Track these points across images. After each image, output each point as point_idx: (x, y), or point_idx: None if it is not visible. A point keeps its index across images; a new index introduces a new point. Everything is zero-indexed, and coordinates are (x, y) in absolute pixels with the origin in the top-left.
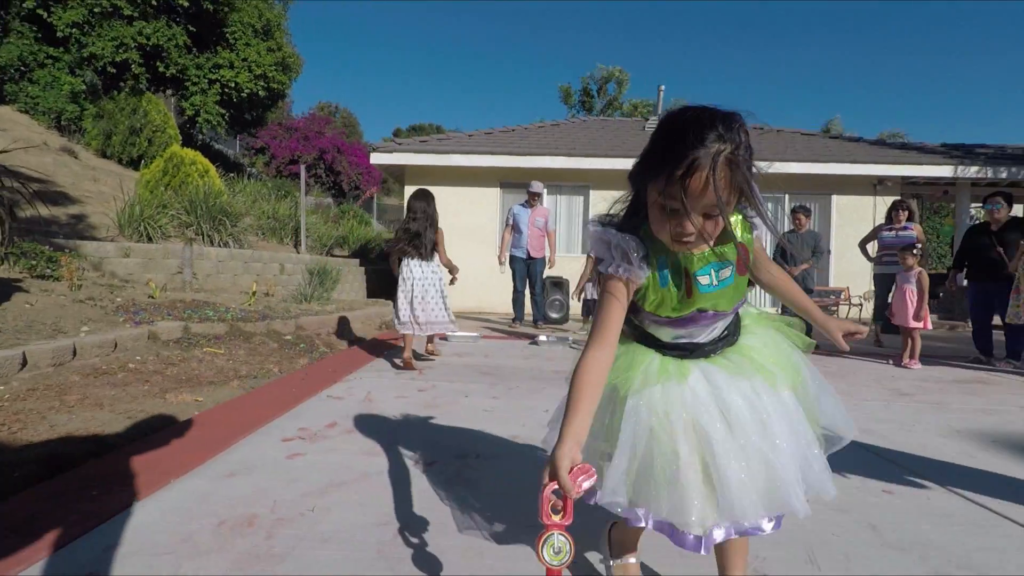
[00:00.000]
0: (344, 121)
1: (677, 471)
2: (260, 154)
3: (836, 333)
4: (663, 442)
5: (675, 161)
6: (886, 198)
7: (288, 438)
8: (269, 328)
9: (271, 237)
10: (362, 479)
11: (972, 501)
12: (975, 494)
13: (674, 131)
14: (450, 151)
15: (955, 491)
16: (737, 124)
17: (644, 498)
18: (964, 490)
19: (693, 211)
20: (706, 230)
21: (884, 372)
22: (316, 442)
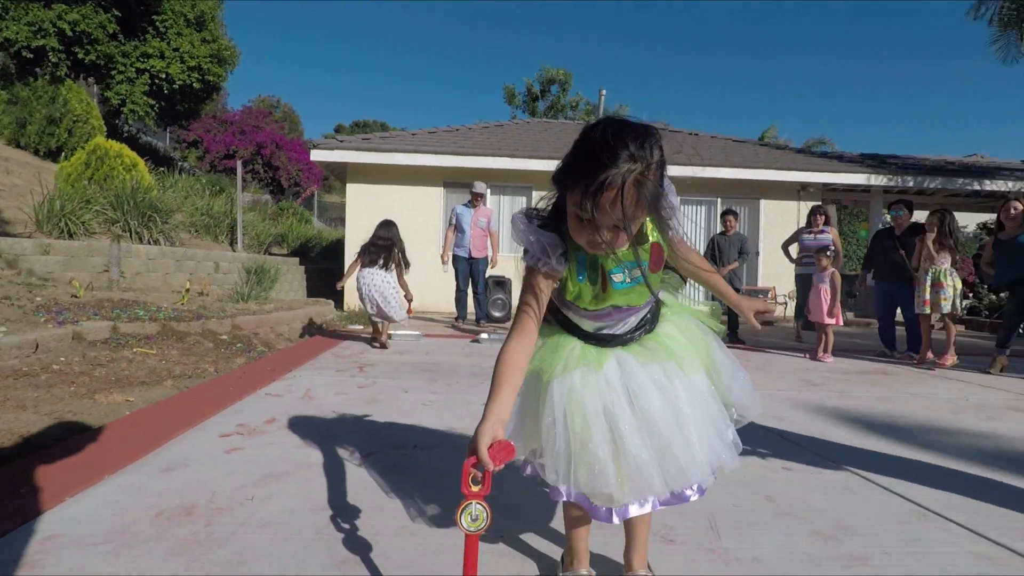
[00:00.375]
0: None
1: (590, 451)
2: (193, 148)
3: (748, 312)
4: (578, 424)
5: (589, 179)
6: (809, 203)
7: (226, 434)
8: (204, 328)
9: (205, 235)
10: (300, 470)
11: (857, 474)
12: (861, 469)
13: (590, 148)
14: (394, 150)
15: (845, 467)
16: (650, 141)
17: (561, 475)
18: (852, 466)
19: (603, 226)
20: (615, 242)
21: (800, 365)
22: (254, 437)
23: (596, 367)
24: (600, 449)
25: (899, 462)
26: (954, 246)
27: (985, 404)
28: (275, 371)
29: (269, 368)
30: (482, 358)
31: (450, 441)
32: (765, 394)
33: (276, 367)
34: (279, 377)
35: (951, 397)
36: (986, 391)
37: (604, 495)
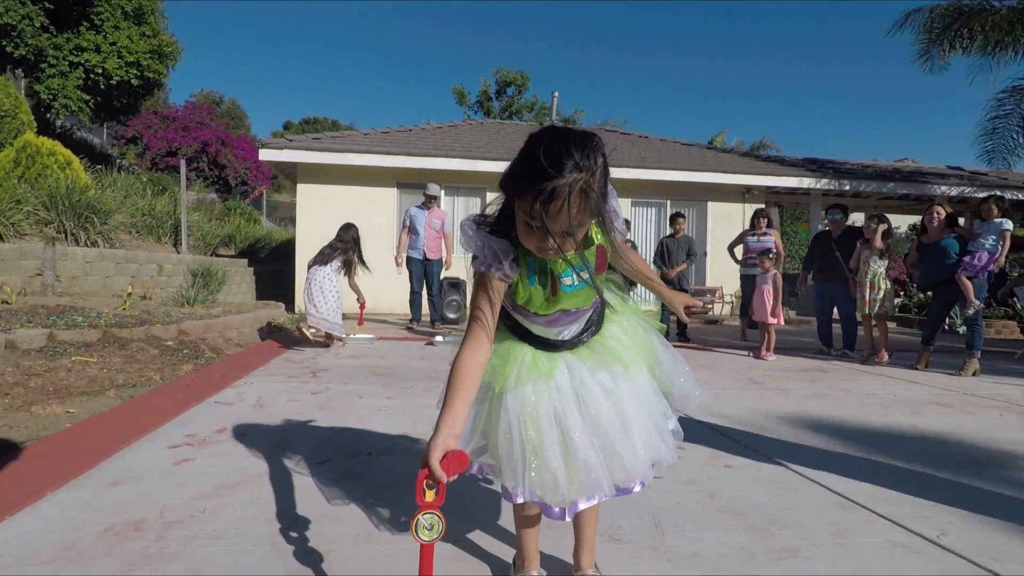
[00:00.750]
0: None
1: (543, 457)
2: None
3: (679, 307)
4: (532, 434)
5: (537, 188)
6: (753, 205)
7: (175, 445)
8: (148, 334)
9: (147, 236)
10: (253, 480)
11: (792, 470)
12: (796, 465)
13: (536, 158)
14: (346, 150)
15: (782, 463)
16: (594, 150)
17: (518, 479)
18: (789, 462)
19: (552, 232)
20: (564, 247)
21: (744, 363)
22: (205, 447)
23: (547, 376)
24: (553, 458)
25: (832, 457)
26: (887, 250)
27: (911, 399)
28: (224, 378)
29: (218, 375)
30: (437, 361)
31: (405, 446)
32: (711, 393)
33: (225, 374)
34: (229, 384)
35: (881, 392)
36: (913, 386)
37: (556, 499)
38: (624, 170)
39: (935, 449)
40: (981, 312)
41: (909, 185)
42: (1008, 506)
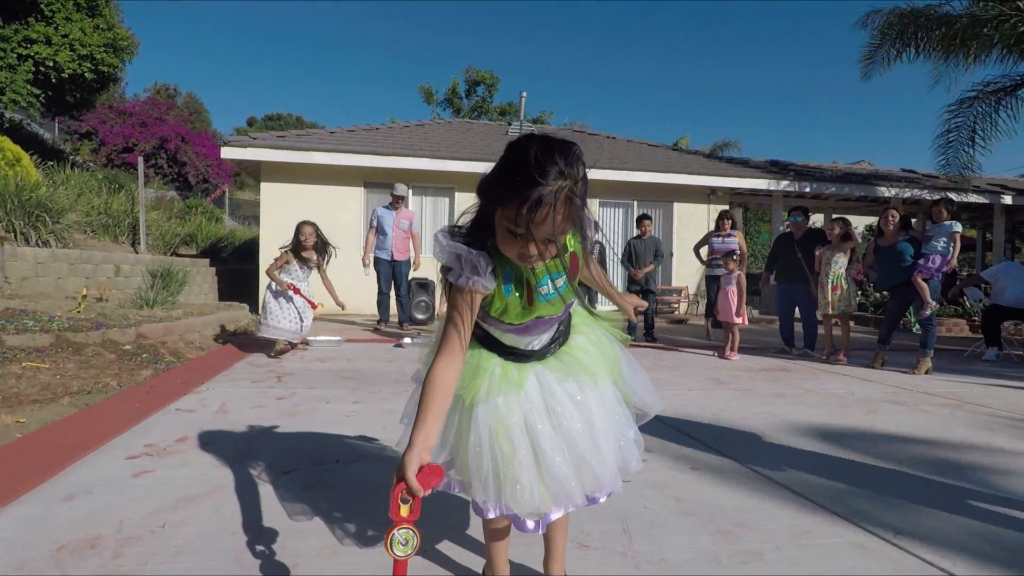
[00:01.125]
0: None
1: (516, 470)
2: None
3: (629, 309)
4: (505, 448)
5: (522, 196)
6: (718, 206)
7: (134, 455)
8: (105, 337)
9: (104, 235)
10: (216, 491)
11: (755, 471)
12: (759, 466)
13: (521, 166)
14: (311, 148)
15: (746, 464)
16: (576, 157)
17: (490, 494)
18: (752, 463)
19: (536, 240)
20: (545, 254)
21: (709, 363)
22: (165, 457)
23: (518, 387)
24: (526, 470)
25: (794, 456)
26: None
27: (868, 398)
28: (186, 384)
29: (179, 381)
30: (406, 363)
31: (373, 454)
32: (677, 394)
33: (187, 379)
34: (191, 390)
35: (839, 392)
36: (869, 385)
37: (530, 511)
38: (592, 171)
39: (891, 448)
40: (935, 312)
41: (866, 187)
42: (960, 504)
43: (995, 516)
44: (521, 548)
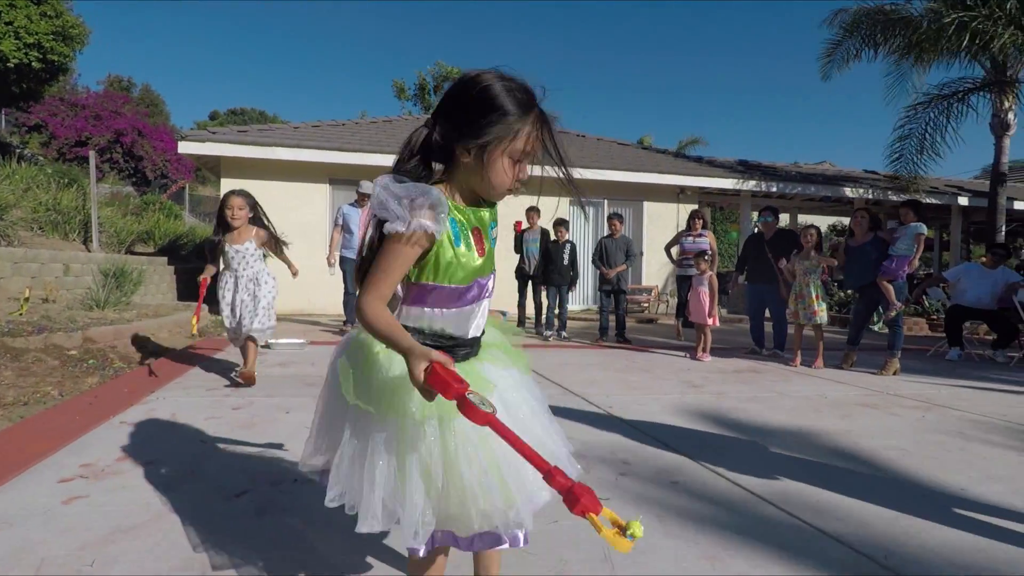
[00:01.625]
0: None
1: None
2: (35, 133)
3: None
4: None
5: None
6: (687, 206)
7: (66, 478)
8: (48, 342)
9: (52, 232)
10: (158, 519)
11: (739, 486)
12: (742, 476)
13: (520, 88)
14: (274, 143)
15: (726, 477)
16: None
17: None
18: (734, 474)
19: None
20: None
21: (681, 365)
22: (102, 479)
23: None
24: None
25: (775, 466)
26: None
27: (840, 401)
28: (134, 393)
29: (127, 389)
30: None
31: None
32: (652, 398)
33: (135, 388)
34: (139, 400)
35: (811, 395)
36: (840, 387)
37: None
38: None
39: (869, 455)
40: (901, 313)
41: (830, 188)
42: (947, 515)
43: (982, 527)
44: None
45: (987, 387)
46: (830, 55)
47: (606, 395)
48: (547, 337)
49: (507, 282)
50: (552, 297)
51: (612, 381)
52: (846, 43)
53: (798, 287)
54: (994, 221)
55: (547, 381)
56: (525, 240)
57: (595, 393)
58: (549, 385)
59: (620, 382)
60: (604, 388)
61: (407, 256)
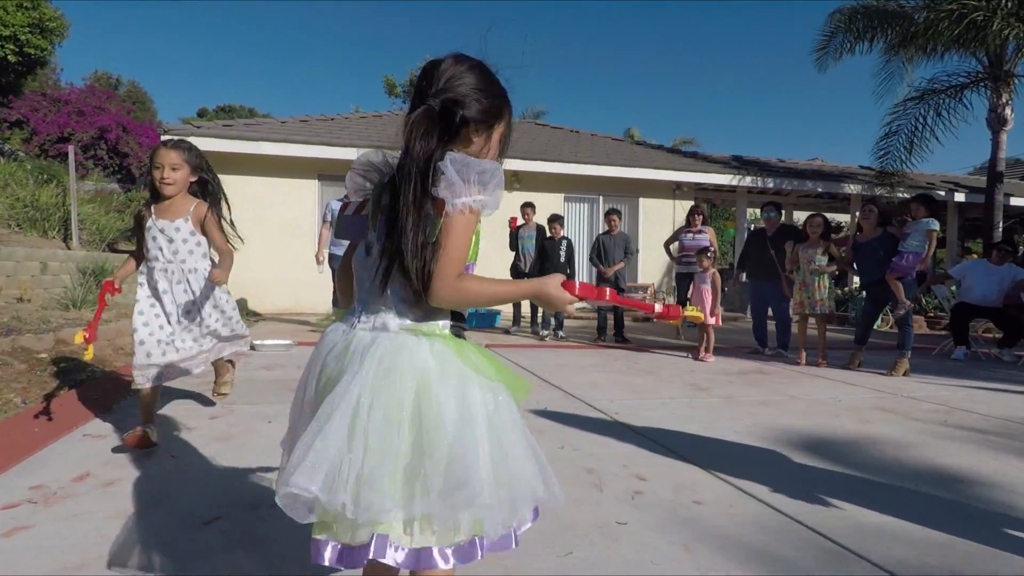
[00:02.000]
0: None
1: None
2: (17, 129)
3: None
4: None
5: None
6: (683, 202)
7: (13, 504)
8: (15, 345)
9: (30, 229)
10: (107, 559)
11: (767, 505)
12: (768, 491)
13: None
14: (261, 138)
15: (754, 496)
16: None
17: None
18: (760, 492)
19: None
20: None
21: (684, 366)
22: (53, 505)
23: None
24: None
25: (801, 480)
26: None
27: (856, 405)
28: (104, 399)
29: (95, 396)
30: None
31: None
32: (658, 402)
33: (106, 394)
34: (107, 408)
35: (824, 398)
36: (852, 389)
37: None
38: (558, 164)
39: (899, 465)
40: (911, 312)
41: (826, 183)
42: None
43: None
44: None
45: (1000, 388)
46: (823, 48)
47: (610, 400)
48: (543, 336)
49: None
50: None
51: (615, 384)
52: (840, 37)
53: (802, 276)
54: (991, 217)
55: (546, 383)
56: (520, 237)
57: (599, 397)
58: (548, 388)
59: (623, 385)
60: (607, 392)
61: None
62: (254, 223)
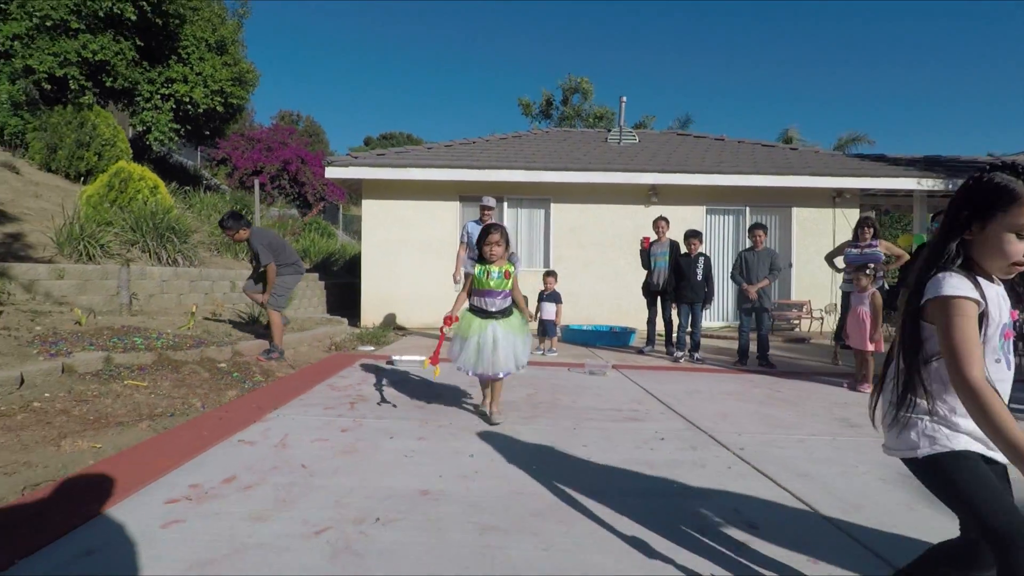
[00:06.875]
0: (308, 130)
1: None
2: (222, 165)
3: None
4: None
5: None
6: (845, 210)
7: (173, 499)
8: (203, 355)
9: (226, 253)
10: (235, 555)
11: (879, 555)
12: (883, 548)
13: None
14: (408, 165)
15: (872, 554)
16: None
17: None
18: (875, 548)
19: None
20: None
21: (837, 397)
22: (203, 503)
23: (483, 330)
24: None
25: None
26: None
27: None
28: (261, 408)
29: (254, 405)
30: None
31: (419, 510)
32: (795, 440)
33: (263, 404)
34: (261, 417)
35: None
36: None
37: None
38: (698, 176)
39: None
40: None
41: None
42: None
43: None
44: None
45: None
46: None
47: (738, 433)
48: (678, 359)
49: (637, 297)
50: (684, 315)
51: (748, 415)
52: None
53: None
54: None
55: (672, 412)
56: (653, 254)
57: (725, 430)
58: (674, 417)
59: (758, 417)
60: (737, 424)
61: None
62: (401, 243)
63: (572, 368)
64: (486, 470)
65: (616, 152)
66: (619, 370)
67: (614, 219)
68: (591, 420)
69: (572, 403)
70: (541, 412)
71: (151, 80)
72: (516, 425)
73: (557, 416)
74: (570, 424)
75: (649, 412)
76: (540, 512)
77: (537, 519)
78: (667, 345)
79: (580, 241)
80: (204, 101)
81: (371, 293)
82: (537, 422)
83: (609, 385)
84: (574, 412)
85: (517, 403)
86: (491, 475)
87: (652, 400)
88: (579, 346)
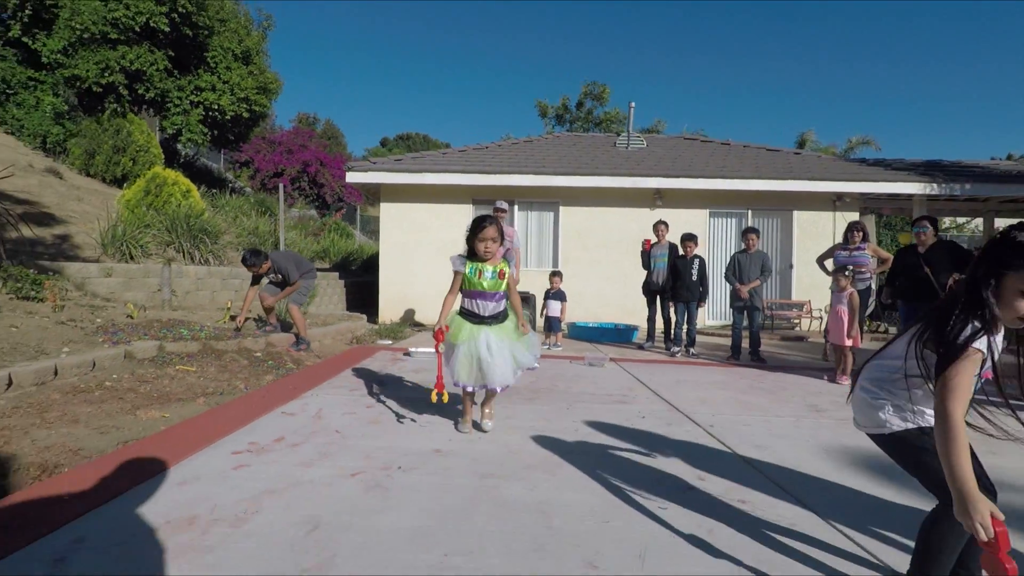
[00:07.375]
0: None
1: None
2: (245, 167)
3: (522, 327)
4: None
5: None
6: (845, 213)
7: (238, 451)
8: (240, 346)
9: None
10: (291, 488)
11: (818, 516)
12: (824, 508)
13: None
14: (423, 170)
15: (805, 506)
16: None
17: (460, 377)
18: (815, 507)
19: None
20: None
21: (814, 388)
22: (262, 455)
23: (474, 338)
24: (471, 369)
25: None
26: None
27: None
28: (296, 389)
29: (291, 387)
30: None
31: (432, 462)
32: (762, 420)
33: (297, 386)
34: (297, 396)
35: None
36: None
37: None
38: (701, 180)
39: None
40: None
41: None
42: None
43: None
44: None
45: None
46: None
47: (712, 414)
48: (674, 353)
49: (642, 297)
50: (680, 313)
51: (726, 401)
52: None
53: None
54: None
55: (657, 397)
56: (652, 255)
57: (702, 412)
58: (658, 401)
59: (735, 402)
60: (714, 407)
61: (457, 278)
62: (417, 245)
63: (573, 360)
64: (488, 437)
65: (623, 156)
66: (617, 363)
67: (620, 222)
68: (583, 403)
69: (568, 389)
70: (540, 396)
71: (181, 88)
72: (516, 406)
73: (554, 399)
74: (564, 405)
75: (637, 397)
76: (530, 465)
77: (527, 470)
78: (666, 341)
79: (587, 243)
80: (231, 108)
81: (388, 291)
82: (535, 403)
83: (605, 375)
84: (569, 396)
85: (518, 388)
86: (492, 441)
87: (641, 387)
88: (584, 342)
